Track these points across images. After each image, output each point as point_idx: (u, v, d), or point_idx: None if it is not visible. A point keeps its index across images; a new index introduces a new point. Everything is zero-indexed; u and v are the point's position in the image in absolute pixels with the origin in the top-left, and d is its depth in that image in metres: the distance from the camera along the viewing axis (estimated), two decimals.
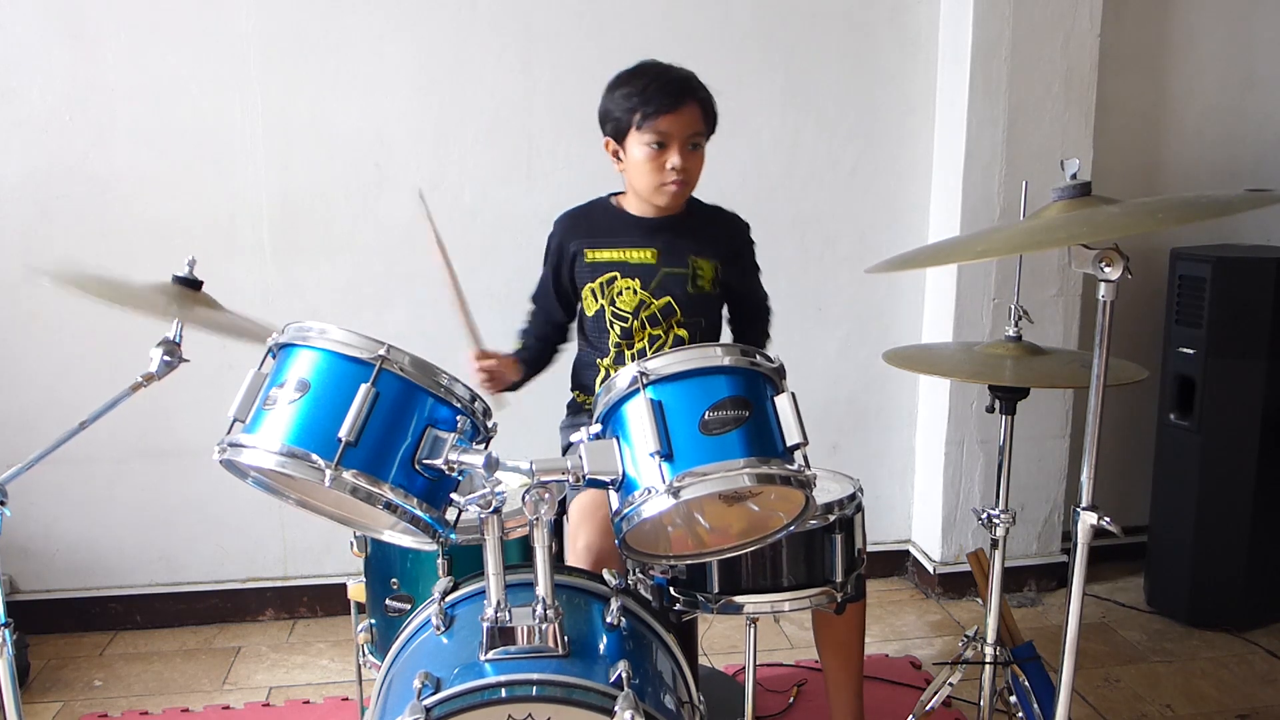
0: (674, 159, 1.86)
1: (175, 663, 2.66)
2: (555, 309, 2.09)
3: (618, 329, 1.99)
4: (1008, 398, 1.88)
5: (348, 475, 1.26)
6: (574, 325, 2.12)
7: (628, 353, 1.99)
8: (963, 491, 2.94)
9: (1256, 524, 2.70)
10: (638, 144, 1.88)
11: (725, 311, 2.11)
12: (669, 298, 1.96)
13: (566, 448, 2.02)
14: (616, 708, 1.18)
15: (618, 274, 1.98)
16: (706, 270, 1.97)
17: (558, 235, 2.07)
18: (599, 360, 2.04)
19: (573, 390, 2.13)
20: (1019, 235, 1.51)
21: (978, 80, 2.69)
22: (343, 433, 1.26)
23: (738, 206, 2.09)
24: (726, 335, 2.15)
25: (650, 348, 1.97)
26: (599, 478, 1.35)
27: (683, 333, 1.98)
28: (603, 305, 1.99)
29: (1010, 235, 1.55)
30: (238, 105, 2.61)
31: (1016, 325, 1.91)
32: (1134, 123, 2.97)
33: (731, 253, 2.04)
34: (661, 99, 1.84)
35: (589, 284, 2.00)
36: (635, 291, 1.97)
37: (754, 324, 2.14)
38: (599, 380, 2.04)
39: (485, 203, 2.74)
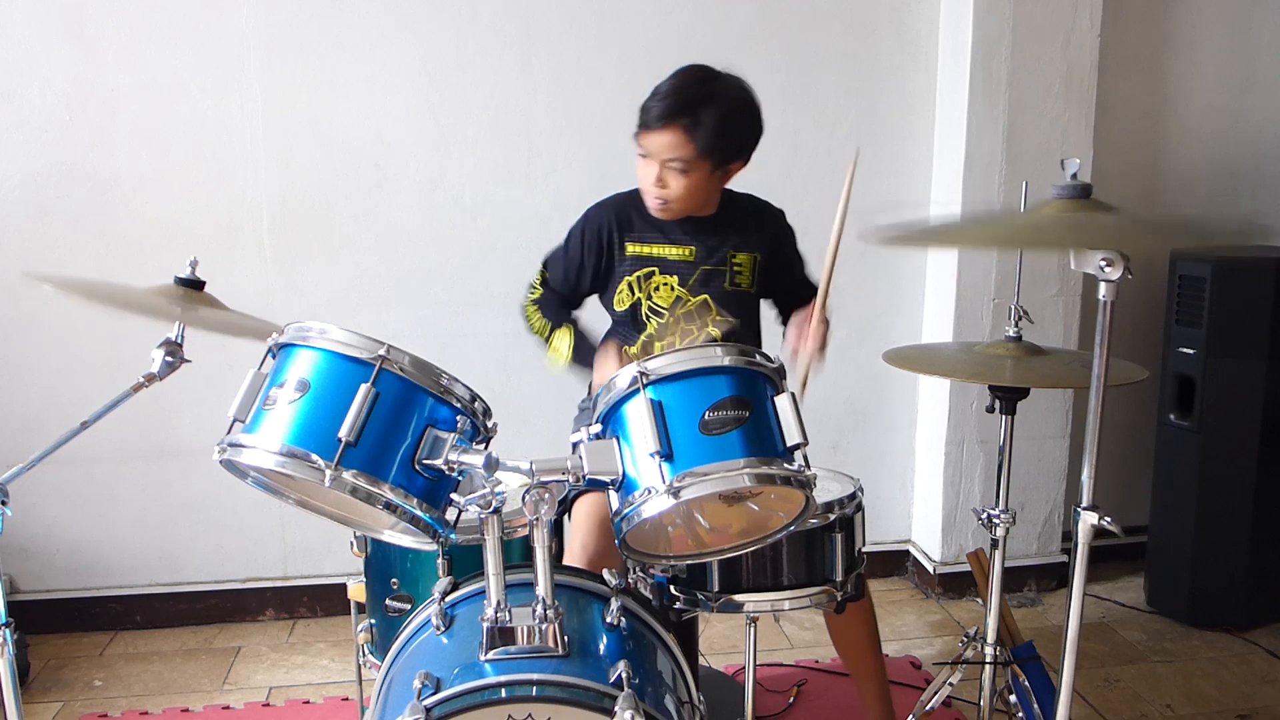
0: (650, 174, 1.86)
1: (175, 663, 2.66)
2: (573, 294, 2.06)
3: (654, 324, 1.98)
4: (1008, 398, 1.88)
5: (348, 475, 1.26)
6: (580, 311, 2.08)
7: (658, 345, 1.97)
8: (963, 491, 2.94)
9: (1256, 524, 2.70)
10: (637, 150, 1.89)
11: (775, 307, 2.08)
12: (706, 295, 1.95)
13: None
14: (616, 708, 1.18)
15: (656, 269, 1.97)
16: (745, 265, 1.96)
17: (596, 222, 2.01)
18: (626, 348, 2.01)
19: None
20: (1018, 229, 1.51)
21: (978, 80, 2.69)
22: (343, 433, 1.26)
23: None
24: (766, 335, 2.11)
25: (681, 343, 1.96)
26: (599, 478, 1.35)
27: (716, 332, 1.96)
28: (639, 299, 1.98)
29: (1010, 228, 1.56)
30: (238, 105, 2.61)
31: (1016, 325, 1.91)
32: (1134, 123, 2.97)
33: (770, 243, 2.00)
34: (648, 114, 1.83)
35: (627, 277, 1.98)
36: (673, 288, 1.96)
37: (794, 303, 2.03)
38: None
39: (485, 203, 2.74)
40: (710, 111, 1.81)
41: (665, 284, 1.96)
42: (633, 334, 2.02)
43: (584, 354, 1.95)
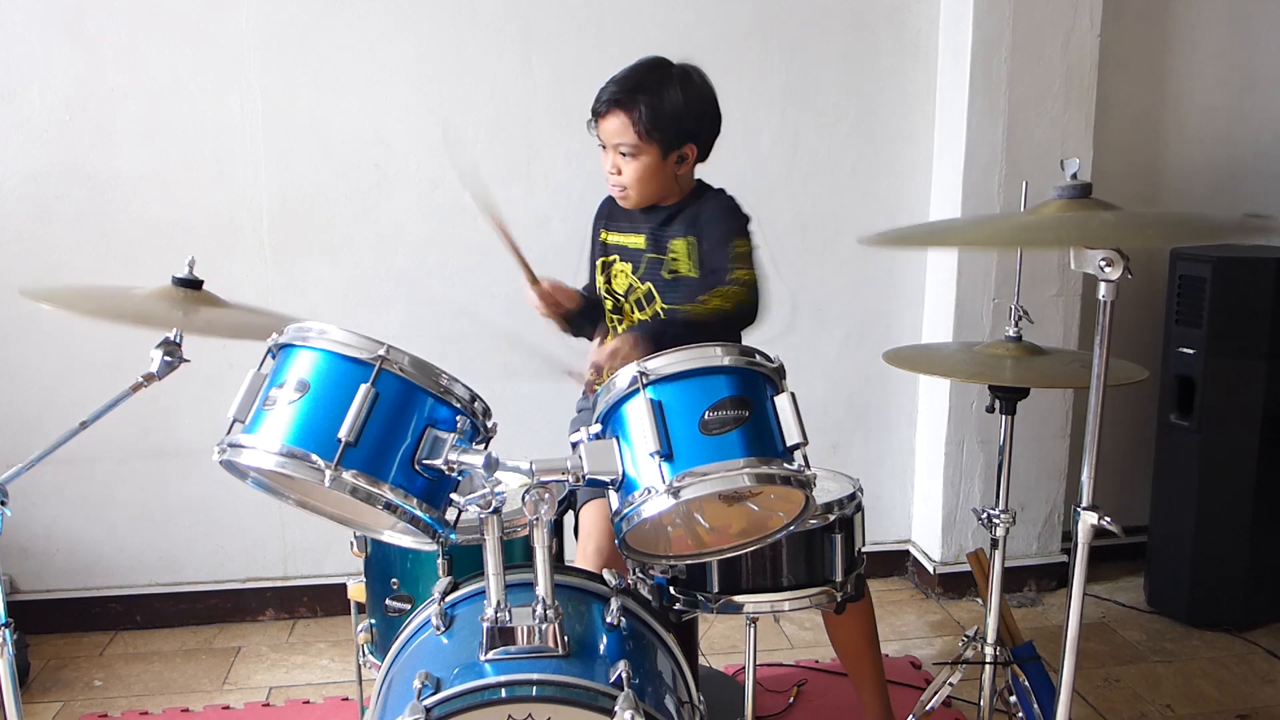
0: (607, 162, 1.92)
1: (175, 663, 2.66)
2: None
3: (611, 305, 2.04)
4: (1008, 398, 1.88)
5: (347, 475, 1.26)
6: None
7: (619, 328, 2.03)
8: (963, 491, 2.94)
9: (1256, 524, 2.70)
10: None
11: None
12: (650, 283, 1.98)
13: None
14: (616, 708, 1.18)
15: (617, 257, 2.02)
16: (680, 251, 1.94)
17: (594, 219, 2.13)
18: (606, 340, 2.05)
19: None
20: (1015, 229, 1.51)
21: (978, 80, 2.69)
22: (342, 433, 1.26)
23: None
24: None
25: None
26: (599, 478, 1.35)
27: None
28: (603, 285, 2.05)
29: (1006, 228, 1.56)
30: (238, 105, 2.61)
31: (1016, 325, 1.91)
32: (1134, 123, 2.97)
33: (700, 223, 1.94)
34: (598, 101, 1.89)
35: (597, 262, 2.06)
36: (626, 275, 2.01)
37: (703, 289, 1.89)
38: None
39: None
40: (654, 97, 1.85)
41: (621, 271, 2.01)
42: (611, 322, 2.07)
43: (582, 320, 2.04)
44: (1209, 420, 2.68)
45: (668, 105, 1.85)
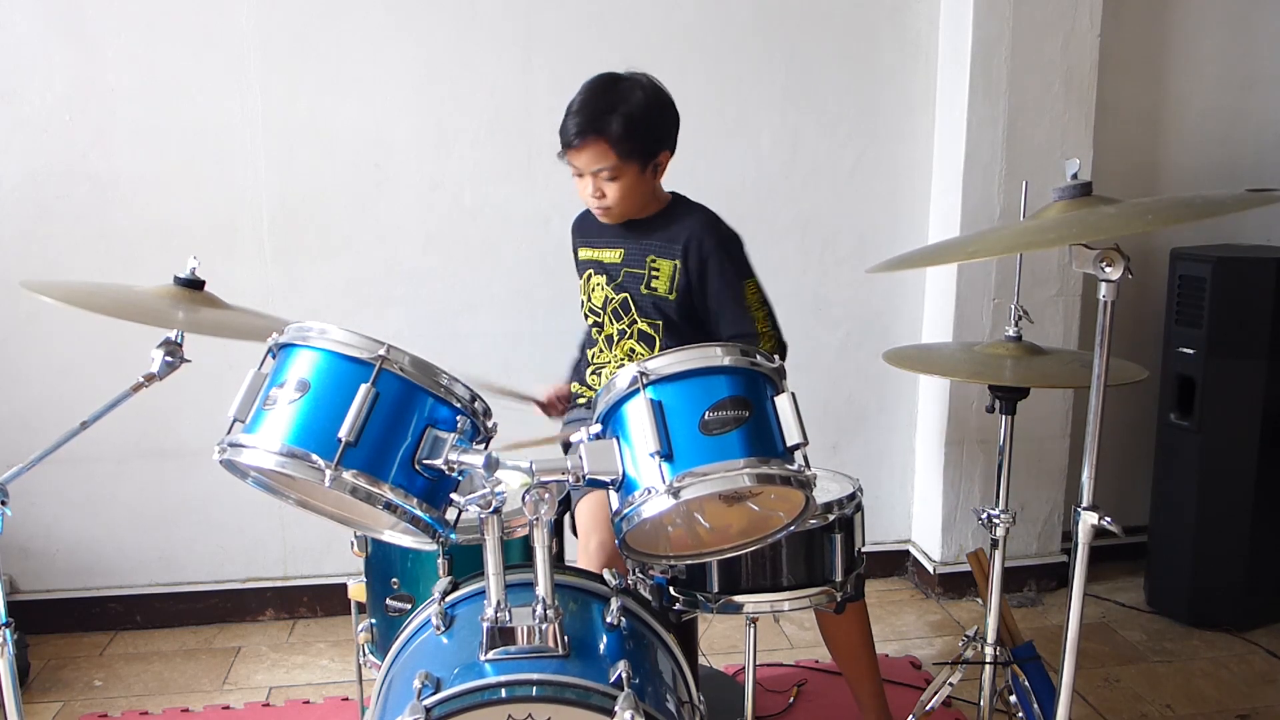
0: (585, 188, 1.92)
1: (175, 663, 2.66)
2: None
3: (591, 320, 2.07)
4: (1008, 398, 1.88)
5: (348, 475, 1.26)
6: None
7: (599, 337, 2.05)
8: (963, 491, 2.94)
9: (1256, 524, 2.70)
10: (570, 170, 1.94)
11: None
12: (627, 294, 1.99)
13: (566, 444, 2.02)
14: (616, 708, 1.18)
15: (593, 271, 2.05)
16: (663, 271, 1.95)
17: (571, 233, 2.16)
18: (588, 350, 2.11)
19: (570, 382, 2.18)
20: (1016, 235, 1.51)
21: (978, 80, 2.69)
22: (343, 433, 1.26)
23: (738, 206, 2.09)
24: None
25: (617, 338, 2.02)
26: (599, 478, 1.35)
27: (645, 325, 1.98)
28: (583, 299, 2.08)
29: (1007, 235, 1.56)
30: (238, 105, 2.61)
31: (1016, 325, 1.91)
32: (1134, 123, 2.96)
33: (686, 252, 1.92)
34: (566, 135, 1.87)
35: (580, 279, 2.09)
36: (602, 288, 2.02)
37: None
38: (589, 372, 2.09)
39: (485, 203, 2.74)
40: (620, 117, 1.84)
41: (598, 284, 2.03)
42: (591, 334, 2.10)
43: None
44: (1209, 420, 2.68)
45: (634, 122, 1.85)
